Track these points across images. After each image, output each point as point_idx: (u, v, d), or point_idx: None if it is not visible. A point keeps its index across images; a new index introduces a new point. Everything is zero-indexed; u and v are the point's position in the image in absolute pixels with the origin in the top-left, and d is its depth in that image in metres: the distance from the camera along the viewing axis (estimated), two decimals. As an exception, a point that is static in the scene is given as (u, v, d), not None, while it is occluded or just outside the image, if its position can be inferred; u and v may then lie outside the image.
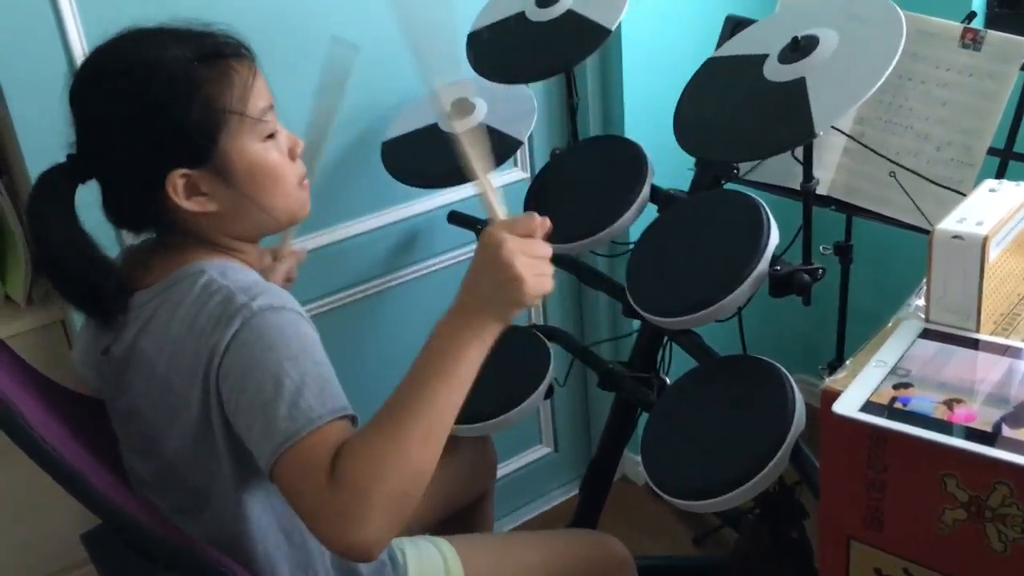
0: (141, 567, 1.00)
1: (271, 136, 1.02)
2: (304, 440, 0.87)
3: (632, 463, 2.15)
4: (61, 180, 0.98)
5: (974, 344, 0.92)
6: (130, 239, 1.09)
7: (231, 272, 0.99)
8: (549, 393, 1.52)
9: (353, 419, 0.93)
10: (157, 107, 0.94)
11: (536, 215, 0.96)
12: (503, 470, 2.07)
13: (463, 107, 1.58)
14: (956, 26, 1.30)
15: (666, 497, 1.17)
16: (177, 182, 0.96)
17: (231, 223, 1.02)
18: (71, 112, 0.98)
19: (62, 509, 1.09)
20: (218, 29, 1.01)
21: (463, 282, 0.96)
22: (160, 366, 0.97)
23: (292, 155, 1.05)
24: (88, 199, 1.01)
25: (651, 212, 1.43)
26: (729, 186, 1.47)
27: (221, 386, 0.93)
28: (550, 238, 0.98)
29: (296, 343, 0.93)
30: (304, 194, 1.07)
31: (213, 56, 0.97)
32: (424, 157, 1.59)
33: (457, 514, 1.53)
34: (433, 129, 1.60)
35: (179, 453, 1.00)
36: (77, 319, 1.37)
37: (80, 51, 1.33)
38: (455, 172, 1.55)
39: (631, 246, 1.38)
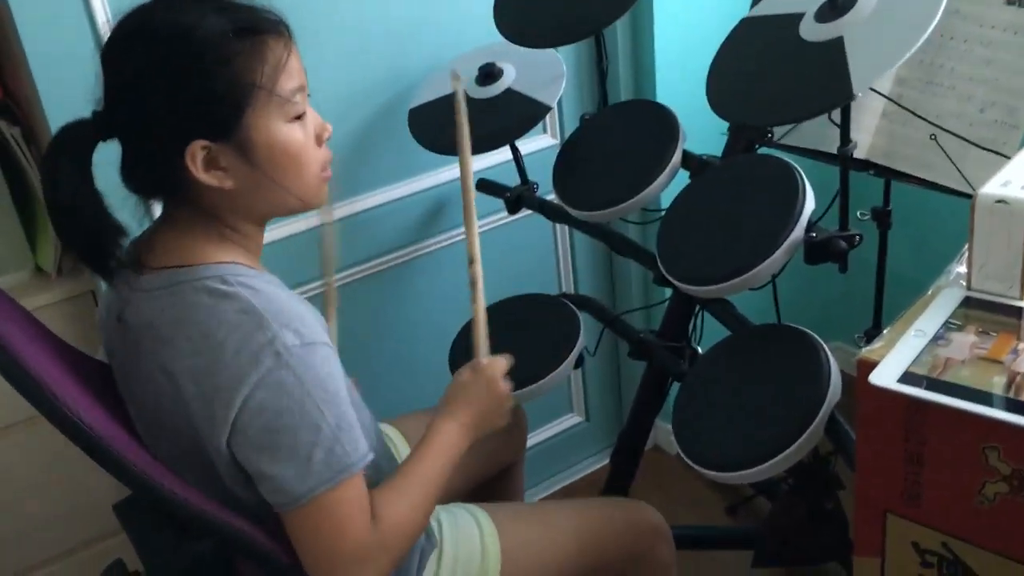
0: (173, 536, 1.00)
1: (299, 118, 1.00)
2: (339, 487, 0.95)
3: (665, 433, 2.14)
4: (82, 134, 0.97)
5: (1018, 313, 0.89)
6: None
7: (251, 281, 0.97)
8: (580, 362, 1.51)
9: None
10: (187, 74, 0.93)
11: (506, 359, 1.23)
12: (534, 439, 2.07)
13: (490, 72, 1.56)
14: (1002, -19, 1.25)
15: (698, 468, 1.15)
16: (197, 153, 0.95)
17: (244, 202, 1.00)
18: (101, 69, 0.96)
19: (95, 479, 1.09)
20: (258, 3, 0.99)
21: (459, 399, 1.18)
22: (169, 368, 0.96)
23: (319, 140, 1.04)
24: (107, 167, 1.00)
25: (683, 178, 1.40)
26: (763, 151, 1.43)
27: (243, 417, 0.93)
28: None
29: (331, 384, 0.96)
30: (324, 185, 1.06)
31: (249, 30, 0.96)
32: (452, 124, 1.57)
33: (487, 483, 1.53)
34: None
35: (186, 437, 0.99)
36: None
37: (104, 21, 1.32)
38: (483, 139, 1.55)
39: (663, 213, 1.35)
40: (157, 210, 1.06)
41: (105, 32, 1.30)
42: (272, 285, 1.00)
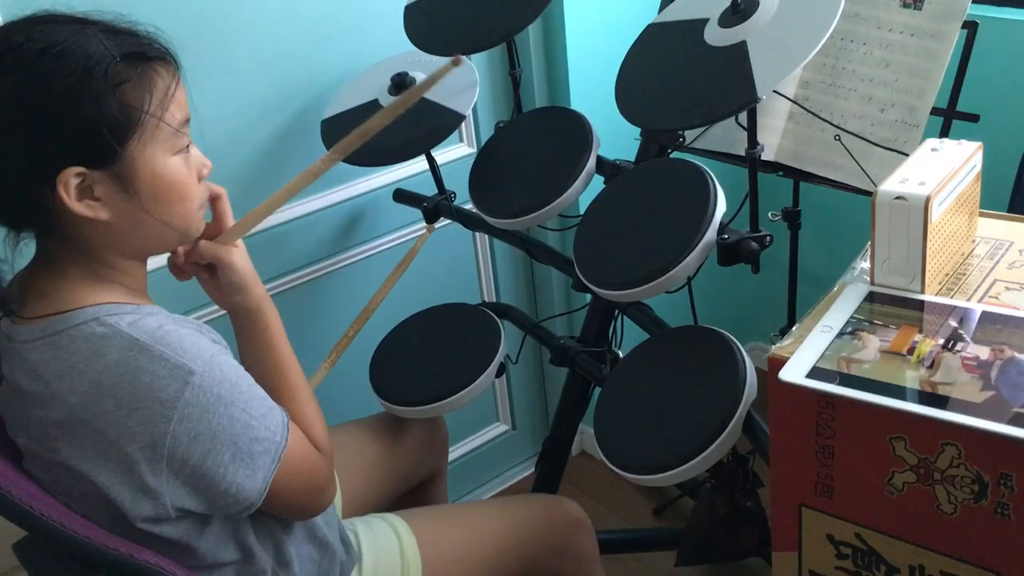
0: (76, 572, 0.96)
1: (183, 151, 0.97)
2: (283, 459, 0.99)
3: (590, 438, 2.14)
4: None
5: (919, 306, 0.91)
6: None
7: (129, 317, 0.93)
8: (502, 371, 1.50)
9: None
10: (69, 96, 0.88)
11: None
12: (461, 449, 2.05)
13: (403, 82, 1.55)
14: (897, -15, 1.29)
15: (620, 473, 1.16)
16: (71, 180, 0.89)
17: (120, 237, 0.95)
18: None
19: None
20: (144, 29, 0.95)
21: (249, 278, 1.09)
22: (64, 422, 0.92)
23: (199, 176, 1.00)
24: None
25: (598, 184, 1.41)
26: (675, 155, 1.45)
27: (177, 454, 0.91)
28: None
29: (243, 381, 0.98)
30: (202, 218, 1.03)
31: (138, 56, 0.92)
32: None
33: (409, 494, 1.52)
34: (373, 106, 1.57)
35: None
36: None
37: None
38: (398, 149, 1.54)
39: (580, 219, 1.35)
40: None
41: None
42: (154, 315, 0.95)
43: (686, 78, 1.22)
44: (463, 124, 1.72)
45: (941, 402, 0.79)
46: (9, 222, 0.96)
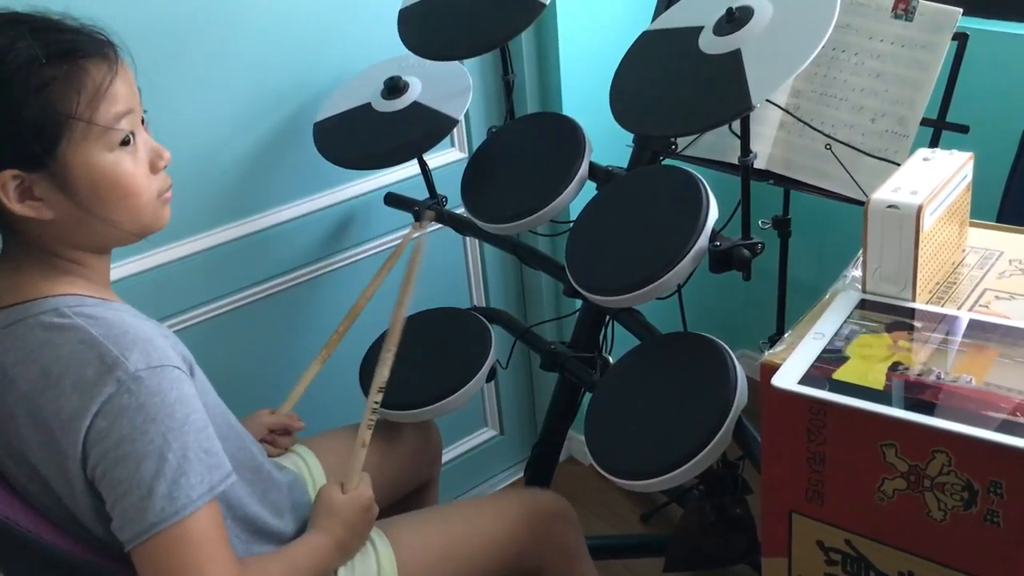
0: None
1: (126, 143, 0.94)
2: (185, 522, 0.89)
3: (579, 444, 2.15)
4: None
5: (910, 314, 0.92)
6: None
7: (91, 310, 0.92)
8: (492, 376, 1.50)
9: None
10: None
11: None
12: (449, 454, 2.05)
13: (395, 86, 1.55)
14: (888, -3, 1.30)
15: (610, 477, 1.16)
16: (8, 183, 0.89)
17: (71, 234, 0.95)
18: None
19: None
20: (81, 23, 0.93)
21: (334, 516, 1.13)
22: (12, 410, 0.92)
23: (153, 167, 0.98)
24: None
25: (590, 190, 1.42)
26: (668, 162, 1.45)
27: (90, 449, 0.89)
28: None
29: (180, 410, 0.91)
30: (163, 208, 1.00)
31: (66, 54, 0.90)
32: (358, 138, 1.55)
33: (400, 502, 1.51)
34: (366, 109, 1.57)
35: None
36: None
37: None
38: (390, 153, 1.54)
39: (571, 224, 1.36)
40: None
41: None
42: (116, 311, 0.95)
43: (681, 85, 1.23)
44: (455, 129, 1.72)
45: (932, 409, 0.79)
46: None
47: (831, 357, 0.87)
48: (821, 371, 0.85)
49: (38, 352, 0.91)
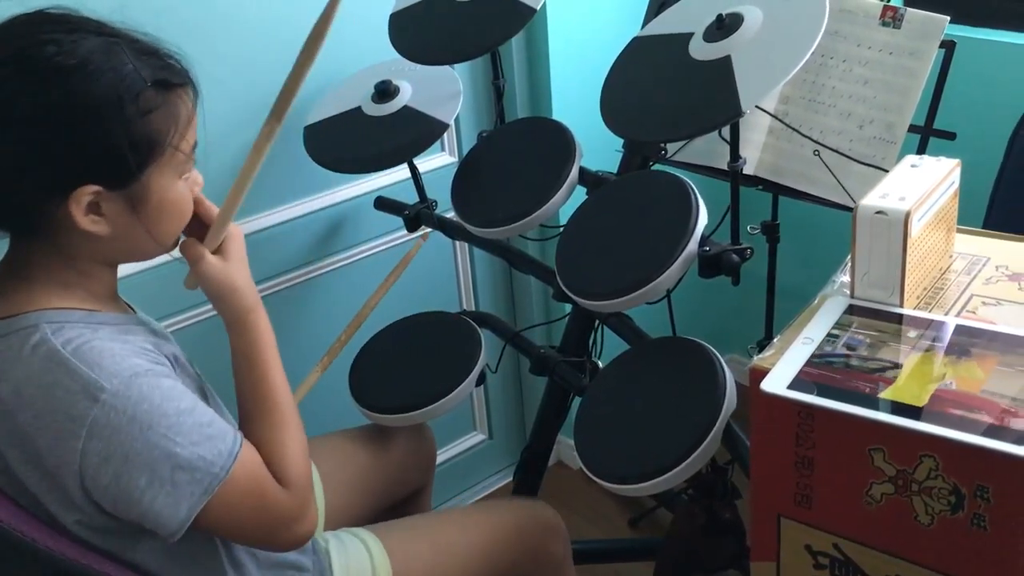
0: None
1: (188, 174, 0.98)
2: (219, 493, 0.93)
3: (568, 448, 2.15)
4: None
5: (898, 319, 0.93)
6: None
7: (67, 327, 0.91)
8: (481, 380, 1.50)
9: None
10: (100, 118, 0.88)
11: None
12: (438, 458, 2.03)
13: (386, 90, 1.55)
14: (876, 4, 1.31)
15: (599, 481, 1.16)
16: (84, 197, 0.90)
17: (108, 247, 0.95)
18: None
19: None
20: (167, 50, 0.95)
21: (237, 291, 1.06)
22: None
23: (192, 192, 1.01)
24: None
25: (580, 195, 1.42)
26: (658, 167, 1.46)
27: (90, 470, 0.89)
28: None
29: (170, 406, 0.92)
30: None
31: (167, 83, 0.92)
32: (348, 142, 1.55)
33: (393, 508, 1.51)
34: (356, 113, 1.57)
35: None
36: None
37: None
38: (380, 157, 1.54)
39: (561, 229, 1.36)
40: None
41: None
42: (97, 325, 0.94)
43: (671, 91, 1.23)
44: (445, 133, 1.72)
45: (919, 414, 0.80)
46: (5, 227, 0.95)
47: (835, 364, 0.87)
48: (809, 376, 0.86)
49: (12, 370, 0.90)
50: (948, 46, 1.28)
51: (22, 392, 0.89)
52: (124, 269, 1.42)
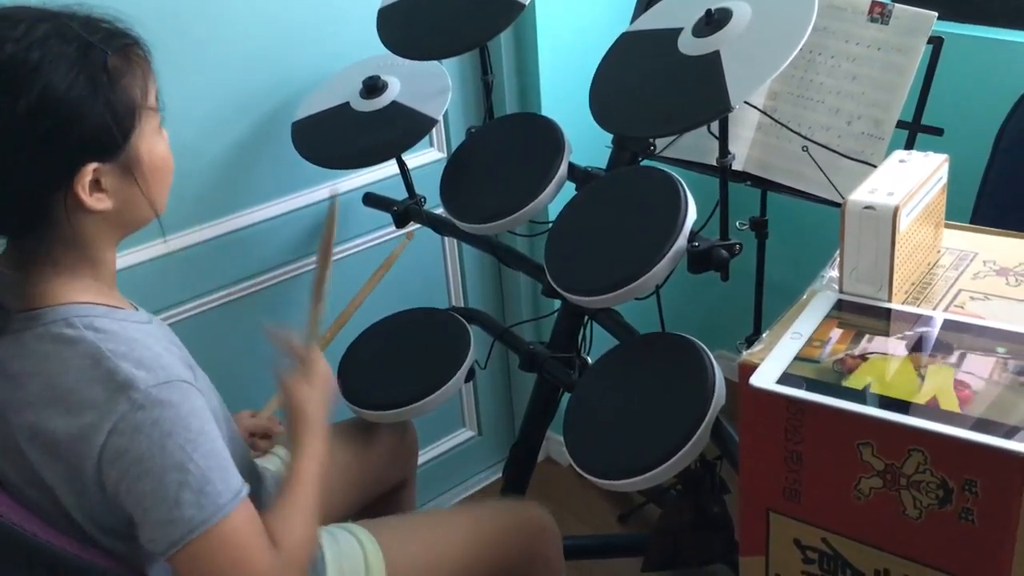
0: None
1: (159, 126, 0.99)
2: (218, 526, 0.90)
3: (557, 444, 2.15)
4: None
5: (886, 314, 0.93)
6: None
7: (100, 322, 0.92)
8: (470, 376, 1.50)
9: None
10: (81, 101, 0.88)
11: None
12: (427, 455, 2.04)
13: (375, 86, 1.55)
14: (865, 0, 1.31)
15: (588, 477, 1.16)
16: (86, 178, 0.90)
17: (114, 221, 0.96)
18: None
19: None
20: (103, 15, 0.95)
21: (308, 409, 1.14)
22: (17, 419, 0.91)
23: None
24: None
25: (569, 190, 1.42)
26: (647, 163, 1.46)
27: (107, 466, 0.89)
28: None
29: (195, 422, 0.92)
30: None
31: (123, 47, 0.93)
32: (336, 137, 1.55)
33: (377, 501, 1.51)
34: (344, 108, 1.56)
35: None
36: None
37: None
38: (369, 152, 1.53)
39: (550, 225, 1.36)
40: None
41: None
42: (124, 322, 0.95)
43: (660, 86, 1.23)
44: (434, 129, 1.71)
45: (908, 408, 0.80)
46: (11, 232, 0.95)
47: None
48: (799, 371, 0.86)
49: (44, 363, 0.90)
50: (936, 42, 1.28)
51: (58, 386, 0.89)
52: (119, 263, 1.41)
